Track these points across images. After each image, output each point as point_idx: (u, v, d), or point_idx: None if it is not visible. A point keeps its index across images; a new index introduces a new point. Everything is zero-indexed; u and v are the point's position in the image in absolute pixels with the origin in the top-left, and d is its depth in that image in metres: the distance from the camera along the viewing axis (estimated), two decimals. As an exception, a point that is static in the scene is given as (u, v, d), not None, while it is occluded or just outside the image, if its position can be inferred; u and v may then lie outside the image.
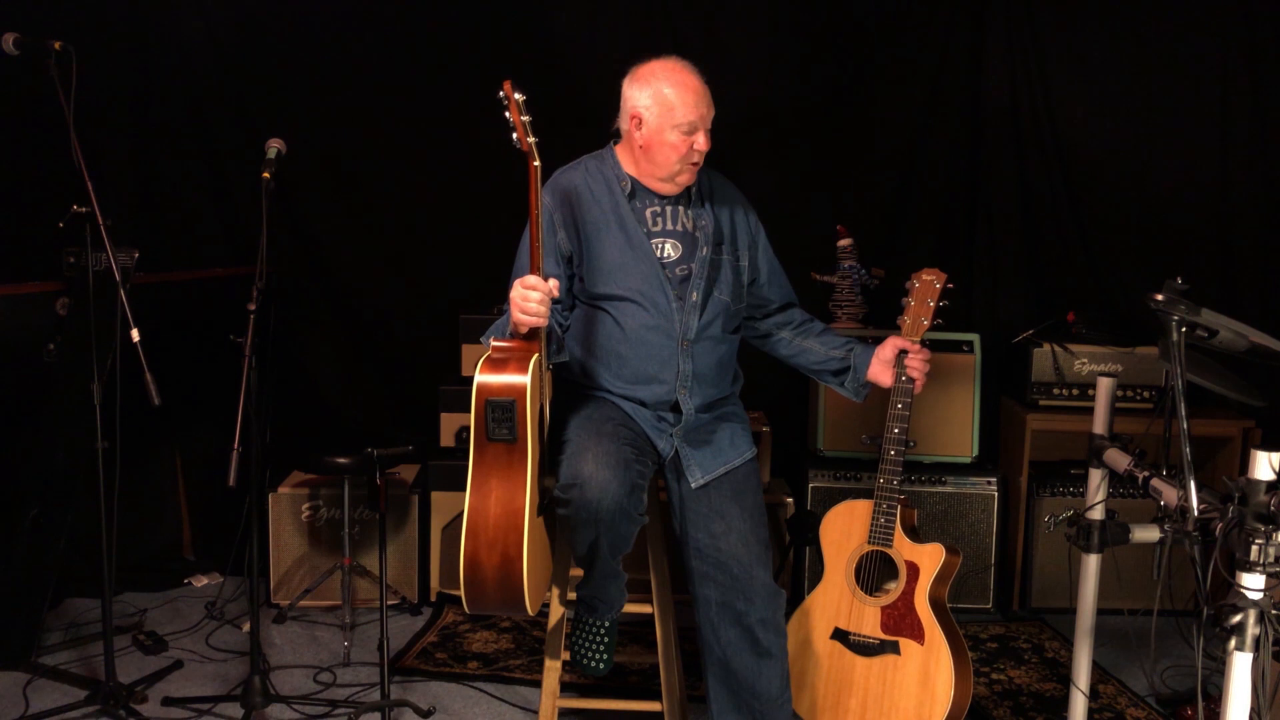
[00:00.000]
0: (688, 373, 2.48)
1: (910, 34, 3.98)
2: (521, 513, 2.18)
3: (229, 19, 3.91)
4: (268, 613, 3.60)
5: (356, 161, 4.03)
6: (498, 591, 2.22)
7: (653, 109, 2.42)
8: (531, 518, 2.21)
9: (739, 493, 2.49)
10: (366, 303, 4.12)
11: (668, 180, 2.48)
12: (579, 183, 2.53)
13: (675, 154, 2.43)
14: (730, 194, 2.63)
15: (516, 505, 2.19)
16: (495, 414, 2.20)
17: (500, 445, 2.21)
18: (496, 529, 2.18)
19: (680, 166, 2.45)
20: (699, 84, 2.44)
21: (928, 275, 2.70)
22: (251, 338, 2.59)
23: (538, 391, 2.25)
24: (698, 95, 2.42)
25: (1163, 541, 2.07)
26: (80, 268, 2.86)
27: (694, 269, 2.50)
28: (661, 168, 2.47)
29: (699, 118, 2.42)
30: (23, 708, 2.95)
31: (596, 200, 2.50)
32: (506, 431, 2.19)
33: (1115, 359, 3.69)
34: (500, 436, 2.20)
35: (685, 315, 2.47)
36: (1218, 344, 2.11)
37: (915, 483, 3.65)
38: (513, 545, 2.18)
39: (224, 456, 2.47)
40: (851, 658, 2.72)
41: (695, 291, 2.49)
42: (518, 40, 3.94)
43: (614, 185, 2.52)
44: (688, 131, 2.41)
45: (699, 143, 2.43)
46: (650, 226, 2.51)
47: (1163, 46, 3.86)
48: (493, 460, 2.22)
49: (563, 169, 2.58)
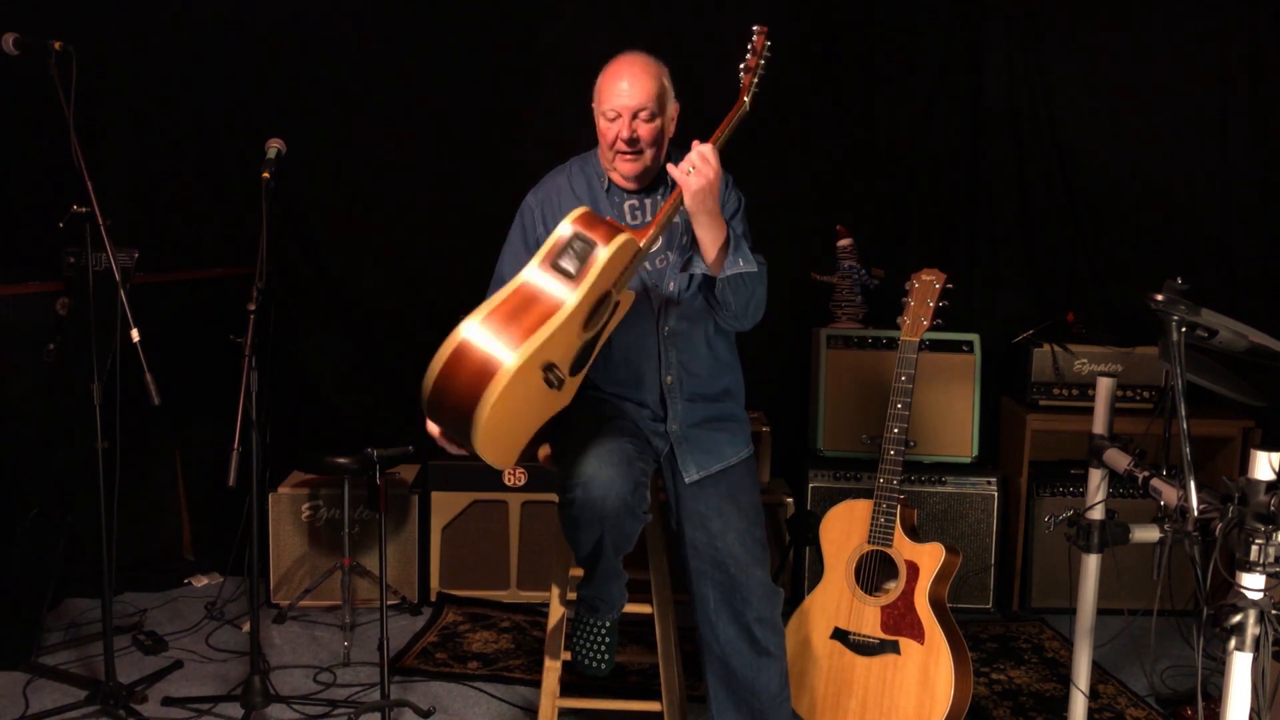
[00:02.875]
0: (671, 361, 2.48)
1: (910, 34, 3.99)
2: (516, 355, 2.04)
3: (229, 19, 3.91)
4: (268, 613, 3.60)
5: (356, 162, 4.03)
6: (454, 413, 2.08)
7: (594, 96, 2.47)
8: (527, 368, 2.07)
9: (736, 491, 2.49)
10: (366, 303, 4.12)
11: (611, 170, 2.50)
12: (562, 183, 2.56)
13: (604, 141, 2.46)
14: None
15: (515, 344, 2.05)
16: (574, 245, 2.12)
17: (557, 277, 2.12)
18: (484, 356, 2.04)
19: (612, 154, 2.46)
20: (635, 73, 2.41)
21: (928, 275, 2.70)
22: (251, 338, 2.60)
23: (615, 273, 2.16)
24: (627, 82, 2.40)
25: (1163, 541, 2.07)
26: (80, 268, 2.86)
27: (671, 258, 2.50)
28: (604, 157, 2.50)
29: (621, 105, 2.40)
30: (23, 708, 2.95)
31: (577, 198, 2.53)
32: (571, 264, 2.10)
33: (1115, 359, 3.69)
34: (563, 268, 2.11)
35: (663, 305, 2.48)
36: (1218, 344, 2.11)
37: (915, 483, 3.65)
38: (488, 377, 2.03)
39: (224, 456, 2.47)
40: (851, 657, 2.72)
41: (672, 281, 2.49)
42: (517, 40, 3.95)
43: (594, 182, 2.55)
44: (611, 119, 2.42)
45: (621, 131, 2.41)
46: (629, 221, 2.52)
47: (1163, 46, 3.87)
48: (537, 291, 2.12)
49: (550, 172, 2.61)
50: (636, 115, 2.41)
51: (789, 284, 2.70)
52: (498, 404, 2.05)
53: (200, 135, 4.00)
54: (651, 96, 2.41)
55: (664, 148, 2.51)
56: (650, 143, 2.44)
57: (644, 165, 2.47)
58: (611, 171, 2.51)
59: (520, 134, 3.94)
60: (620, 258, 2.18)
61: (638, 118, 2.41)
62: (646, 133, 2.42)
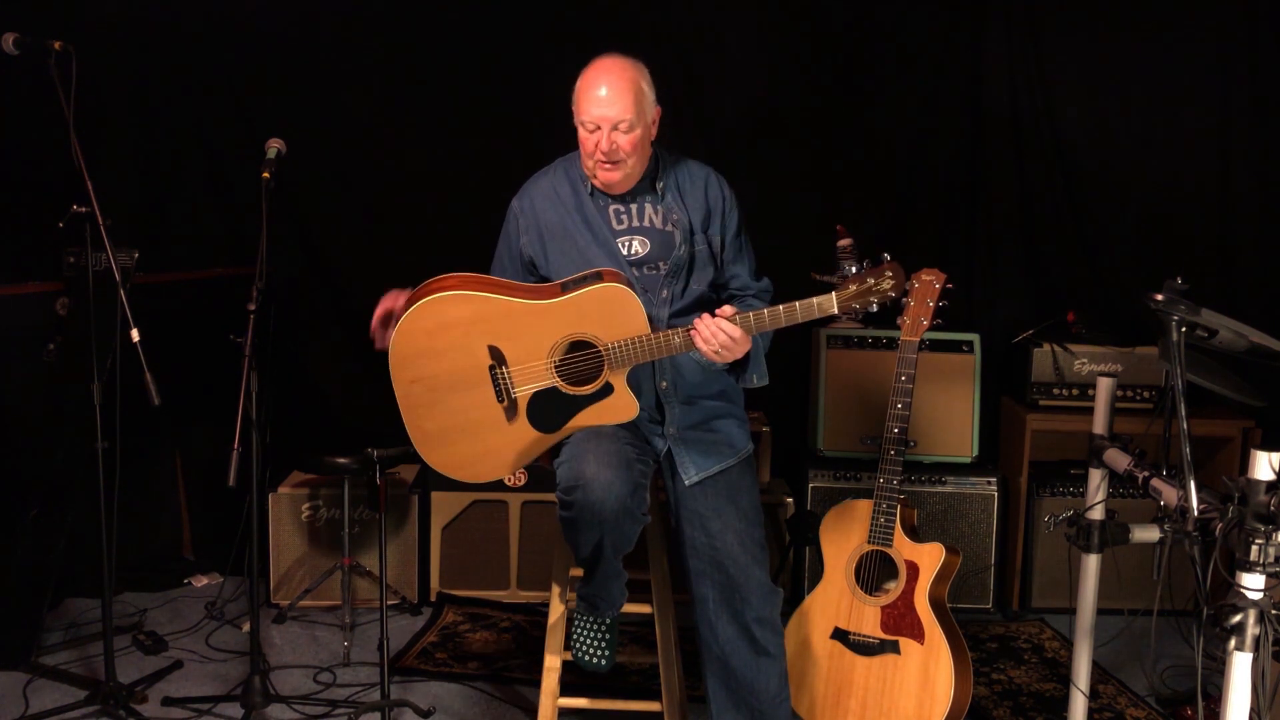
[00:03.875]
0: (665, 365, 2.48)
1: (910, 34, 3.98)
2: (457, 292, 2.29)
3: (230, 19, 3.91)
4: (268, 613, 3.60)
5: (357, 161, 4.03)
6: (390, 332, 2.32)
7: (573, 103, 2.44)
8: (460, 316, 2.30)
9: (735, 491, 2.49)
10: (367, 303, 4.09)
11: (592, 177, 2.48)
12: (545, 186, 2.55)
13: (584, 150, 2.44)
14: (698, 176, 2.57)
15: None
16: (583, 277, 2.27)
17: (550, 287, 2.31)
18: (432, 284, 2.34)
19: (592, 164, 2.44)
20: (612, 81, 2.37)
21: (927, 275, 2.70)
22: (251, 338, 2.60)
23: (600, 319, 2.28)
24: (606, 91, 2.36)
25: (1163, 541, 2.07)
26: (80, 268, 2.86)
27: (668, 267, 2.48)
28: (584, 164, 2.48)
29: (600, 117, 2.37)
30: (23, 708, 2.95)
31: (561, 201, 2.52)
32: (568, 284, 2.26)
33: (1115, 359, 3.69)
34: (569, 286, 2.27)
35: (656, 308, 2.46)
36: (1218, 344, 2.11)
37: (915, 483, 3.65)
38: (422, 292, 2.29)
39: (224, 456, 2.47)
40: (851, 657, 2.72)
41: (666, 289, 2.48)
42: (516, 41, 3.94)
43: (578, 186, 2.53)
44: (590, 130, 2.40)
45: (601, 143, 2.38)
46: (615, 225, 2.50)
47: (1163, 46, 3.86)
48: (527, 285, 2.33)
49: (536, 174, 2.60)
50: (615, 127, 2.37)
51: (789, 284, 2.69)
52: (413, 318, 2.21)
53: (201, 135, 3.99)
54: (630, 107, 2.37)
55: (646, 152, 2.49)
56: (630, 153, 2.41)
57: (624, 173, 2.44)
58: (593, 178, 2.50)
59: (521, 134, 3.93)
60: (609, 300, 2.21)
61: (617, 129, 2.37)
62: (627, 144, 2.39)
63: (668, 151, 2.59)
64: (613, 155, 2.39)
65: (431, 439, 2.27)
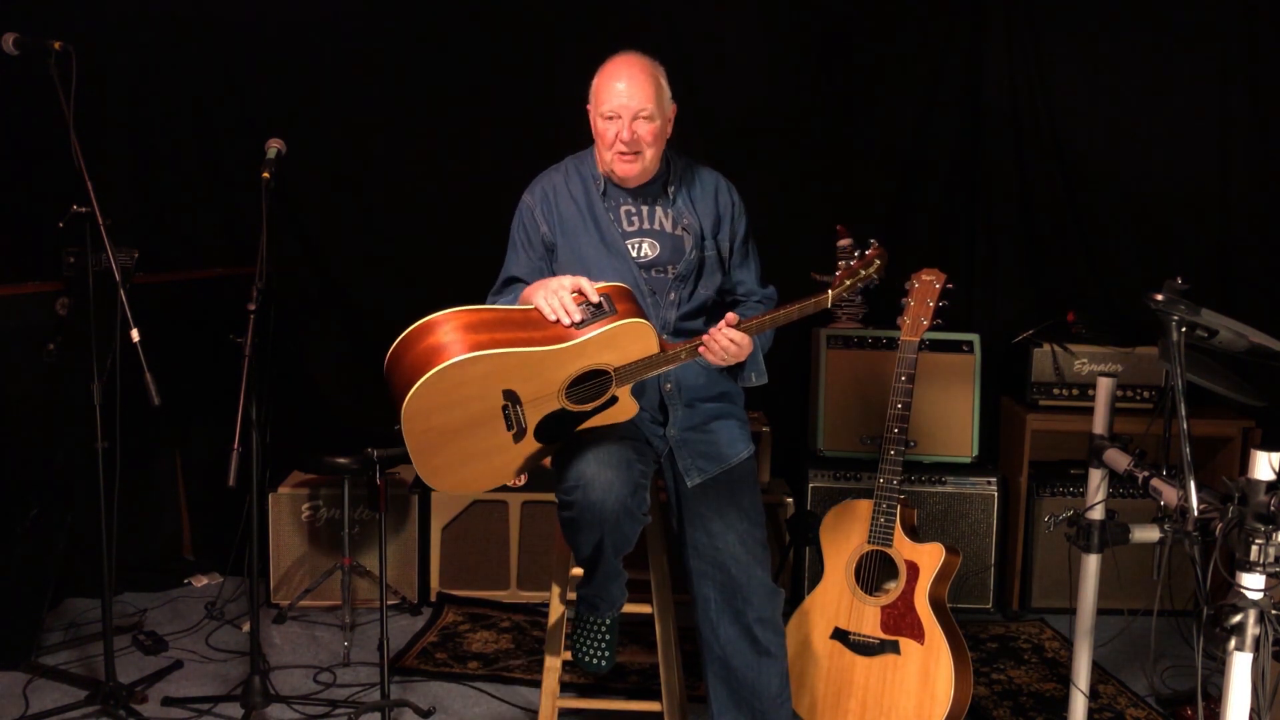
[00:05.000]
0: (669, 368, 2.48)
1: (910, 34, 3.98)
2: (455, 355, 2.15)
3: (230, 19, 3.91)
4: (268, 613, 3.60)
5: (356, 161, 4.03)
6: (395, 383, 2.23)
7: (590, 97, 2.48)
8: (477, 373, 2.16)
9: (736, 492, 2.49)
10: (366, 303, 4.11)
11: (608, 172, 2.51)
12: (558, 182, 2.57)
13: (603, 142, 2.46)
14: (708, 182, 2.61)
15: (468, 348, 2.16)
16: (595, 305, 2.25)
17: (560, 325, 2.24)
18: (440, 342, 2.19)
19: (610, 155, 2.46)
20: (633, 74, 2.42)
21: (927, 275, 2.70)
22: (251, 338, 2.60)
23: (618, 352, 2.25)
24: (625, 83, 2.41)
25: (1163, 541, 2.07)
26: (80, 268, 2.86)
27: (678, 270, 2.51)
28: (601, 159, 2.50)
29: (620, 106, 2.40)
30: (23, 708, 2.95)
31: (573, 199, 2.53)
32: (581, 317, 2.23)
33: (1115, 359, 3.69)
34: (585, 325, 2.22)
35: (663, 311, 2.48)
36: (1218, 344, 2.11)
37: (915, 483, 3.65)
38: (434, 357, 2.16)
39: (224, 456, 2.47)
40: (851, 657, 2.72)
41: (674, 292, 2.50)
42: (517, 41, 3.95)
43: (589, 184, 2.55)
44: (609, 118, 2.42)
45: (621, 132, 2.41)
46: (625, 226, 2.52)
47: (1163, 46, 3.86)
48: (536, 320, 2.26)
49: (546, 171, 2.62)
50: (636, 116, 2.41)
51: (789, 284, 2.70)
52: (430, 383, 2.12)
53: (201, 135, 3.99)
54: (651, 97, 2.42)
55: (662, 148, 2.51)
56: (650, 144, 2.44)
57: (642, 166, 2.47)
58: (608, 172, 2.51)
59: (522, 133, 3.94)
60: (625, 334, 2.21)
61: (637, 119, 2.41)
62: (647, 134, 2.43)
63: (677, 155, 2.61)
64: (633, 145, 2.42)
65: (440, 471, 2.27)
